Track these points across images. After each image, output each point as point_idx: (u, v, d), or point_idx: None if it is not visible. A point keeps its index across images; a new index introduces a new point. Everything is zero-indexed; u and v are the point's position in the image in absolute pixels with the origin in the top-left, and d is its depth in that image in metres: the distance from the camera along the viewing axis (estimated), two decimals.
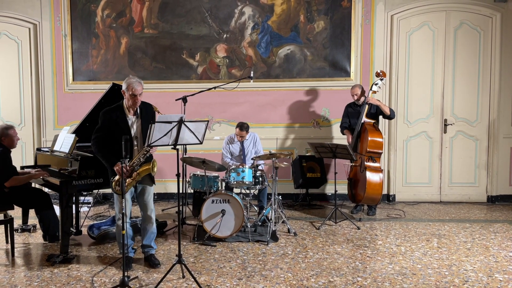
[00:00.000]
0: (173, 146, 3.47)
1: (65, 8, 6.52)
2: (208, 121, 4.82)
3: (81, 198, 5.92)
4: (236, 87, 5.85)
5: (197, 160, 4.77)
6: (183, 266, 3.58)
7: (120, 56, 6.60)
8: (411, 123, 6.51)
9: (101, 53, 6.60)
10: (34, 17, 6.58)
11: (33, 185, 5.07)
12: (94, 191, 6.15)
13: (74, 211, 4.55)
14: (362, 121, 5.49)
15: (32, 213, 4.76)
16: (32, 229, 4.94)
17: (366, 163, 5.38)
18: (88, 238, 4.62)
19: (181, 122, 3.40)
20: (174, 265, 3.56)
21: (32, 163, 5.37)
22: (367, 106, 5.48)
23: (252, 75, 5.63)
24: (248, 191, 4.95)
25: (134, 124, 3.73)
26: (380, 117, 5.74)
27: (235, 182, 4.72)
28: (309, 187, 6.35)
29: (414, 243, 4.50)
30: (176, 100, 5.42)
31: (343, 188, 6.10)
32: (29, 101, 6.71)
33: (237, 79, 6.20)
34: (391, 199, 6.55)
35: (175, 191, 6.57)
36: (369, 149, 5.37)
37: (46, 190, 4.88)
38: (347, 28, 6.41)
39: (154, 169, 3.61)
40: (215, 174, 5.19)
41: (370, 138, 5.36)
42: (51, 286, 3.46)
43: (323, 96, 6.50)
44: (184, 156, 5.08)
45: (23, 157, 6.74)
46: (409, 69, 6.45)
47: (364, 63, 6.42)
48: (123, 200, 3.37)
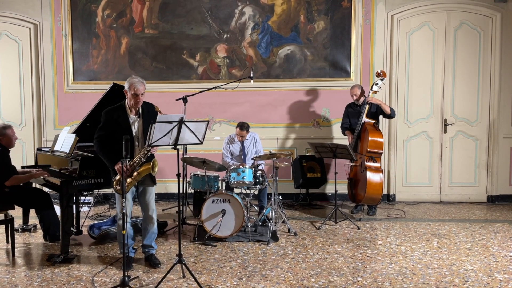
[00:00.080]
0: (173, 146, 3.47)
1: (65, 8, 6.53)
2: (209, 121, 4.82)
3: (82, 198, 5.92)
4: (236, 87, 5.86)
5: (197, 160, 4.78)
6: (183, 266, 3.59)
7: (121, 56, 6.60)
8: (411, 123, 6.51)
9: (101, 53, 6.61)
10: (35, 17, 6.59)
11: (33, 185, 5.07)
12: (95, 191, 6.16)
13: (74, 211, 4.56)
14: (363, 121, 5.49)
15: (32, 213, 4.77)
16: (33, 229, 4.94)
17: (366, 163, 5.39)
18: (88, 238, 4.63)
19: (181, 122, 3.40)
20: (174, 265, 3.56)
21: (33, 163, 5.37)
22: (367, 105, 5.49)
23: (252, 75, 5.64)
24: (248, 191, 4.96)
25: (135, 123, 3.74)
26: (380, 117, 5.75)
27: (235, 182, 4.73)
28: (309, 187, 6.35)
29: (414, 243, 4.51)
30: (177, 100, 5.43)
31: (343, 188, 6.10)
32: (30, 101, 6.72)
33: (237, 79, 6.20)
34: (391, 199, 6.55)
35: (176, 191, 6.57)
36: (369, 149, 5.38)
37: (47, 190, 4.89)
38: (347, 28, 6.41)
39: (154, 169, 3.61)
40: (215, 174, 5.20)
41: (371, 138, 5.36)
42: (51, 286, 3.46)
43: (323, 96, 6.51)
44: (185, 156, 5.09)
45: (23, 157, 6.74)
46: (409, 69, 6.45)
47: (364, 63, 6.42)
48: (124, 200, 3.38)
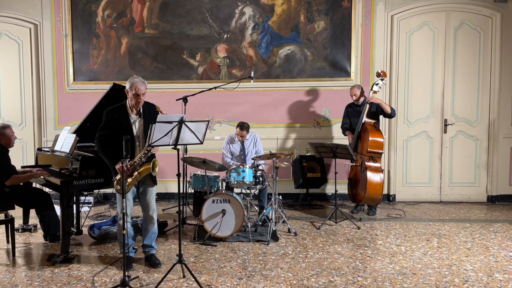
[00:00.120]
0: (173, 146, 3.48)
1: (65, 8, 6.53)
2: (209, 121, 4.82)
3: (82, 198, 5.92)
4: (236, 87, 5.86)
5: (197, 160, 4.78)
6: (183, 266, 3.59)
7: (121, 56, 6.61)
8: (411, 123, 6.51)
9: (101, 53, 6.61)
10: (35, 17, 6.59)
11: (34, 185, 5.07)
12: (95, 191, 6.16)
13: (74, 211, 4.56)
14: (363, 121, 5.50)
15: (33, 213, 4.77)
16: (33, 229, 4.95)
17: (366, 163, 5.39)
18: (88, 238, 4.63)
19: (181, 122, 3.40)
20: (174, 265, 3.56)
21: (33, 163, 5.37)
22: (367, 105, 5.49)
23: (252, 75, 5.64)
24: (248, 191, 4.96)
25: (136, 123, 3.74)
26: (381, 116, 5.75)
27: (235, 182, 4.73)
28: (309, 187, 6.36)
29: (414, 243, 4.51)
30: (177, 100, 5.43)
31: (343, 188, 6.11)
32: (30, 101, 6.72)
33: (237, 79, 6.21)
34: (391, 199, 6.55)
35: (176, 191, 6.57)
36: (370, 149, 5.38)
37: (47, 190, 4.89)
38: (348, 28, 6.41)
39: (155, 168, 3.61)
40: (215, 174, 5.20)
41: (371, 138, 5.36)
42: (52, 285, 3.47)
43: (323, 96, 6.51)
44: (185, 156, 5.09)
45: (23, 157, 6.75)
46: (409, 69, 6.46)
47: (364, 63, 6.43)
48: (124, 199, 3.38)
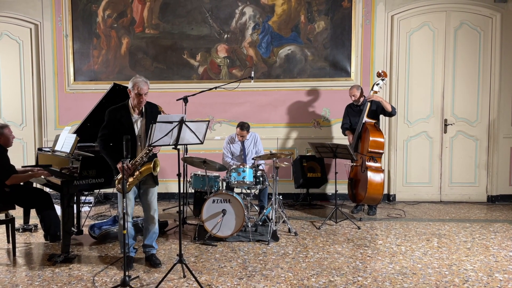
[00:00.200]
0: (174, 146, 3.48)
1: (66, 8, 6.53)
2: (209, 121, 4.82)
3: (82, 198, 5.93)
4: (237, 87, 5.86)
5: (198, 160, 4.78)
6: (184, 266, 3.59)
7: (121, 56, 6.61)
8: (411, 123, 6.52)
9: (102, 53, 6.62)
10: (36, 17, 6.60)
11: (34, 185, 5.08)
12: (95, 191, 6.17)
13: (75, 211, 4.57)
14: (363, 121, 5.50)
15: (33, 213, 4.78)
16: (34, 228, 4.95)
17: (367, 163, 5.39)
18: (89, 238, 4.63)
19: (182, 122, 3.40)
20: (175, 264, 3.57)
21: (34, 163, 5.38)
22: (368, 104, 5.49)
23: (252, 75, 5.64)
24: (248, 191, 4.96)
25: (138, 123, 3.75)
26: (381, 116, 5.75)
27: (235, 182, 4.73)
28: (309, 187, 6.36)
29: (415, 242, 4.51)
30: (177, 100, 5.44)
31: (343, 188, 6.11)
32: (31, 101, 6.73)
33: (238, 79, 6.21)
34: (391, 199, 6.56)
35: (176, 191, 6.58)
36: (370, 149, 5.38)
37: (47, 190, 4.90)
38: (348, 29, 6.42)
39: (156, 168, 3.61)
40: (216, 174, 5.20)
41: (372, 138, 5.37)
42: (52, 285, 3.47)
43: (323, 96, 6.51)
44: (185, 156, 5.10)
45: (24, 157, 6.75)
46: (409, 69, 6.46)
47: (364, 63, 6.43)
48: (125, 199, 3.38)
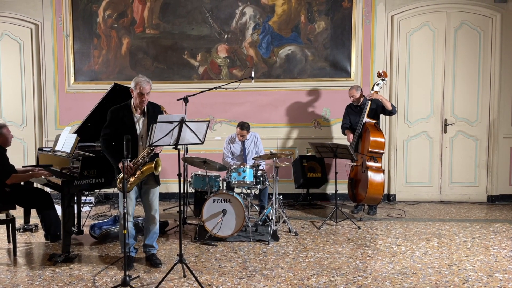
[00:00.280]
0: (174, 146, 3.49)
1: (66, 8, 6.54)
2: (209, 121, 4.82)
3: (83, 197, 5.94)
4: (237, 87, 5.87)
5: (198, 160, 4.79)
6: (184, 266, 3.60)
7: (122, 57, 6.62)
8: (411, 123, 6.52)
9: (102, 53, 6.62)
10: (36, 17, 6.60)
11: (35, 185, 5.09)
12: (96, 190, 6.17)
13: (75, 211, 4.58)
14: (364, 121, 5.50)
15: (34, 212, 4.78)
16: (34, 228, 4.96)
17: (367, 163, 5.40)
18: (89, 238, 4.64)
19: (182, 122, 3.41)
20: (175, 264, 3.57)
21: (34, 163, 5.38)
22: (369, 103, 5.48)
23: (253, 75, 5.64)
24: (249, 191, 4.96)
25: (140, 123, 3.76)
26: (381, 116, 5.75)
27: (236, 182, 4.74)
28: (310, 186, 6.36)
29: (415, 242, 4.52)
30: (178, 100, 5.44)
31: (343, 188, 6.11)
32: (31, 101, 6.73)
33: (238, 79, 6.22)
34: (391, 198, 6.56)
35: (177, 190, 6.58)
36: (371, 149, 5.39)
37: (48, 190, 4.90)
38: (348, 29, 6.42)
39: (158, 168, 3.62)
40: (216, 174, 5.21)
41: (372, 138, 5.37)
42: (52, 285, 3.47)
43: (323, 96, 6.52)
44: (186, 156, 5.10)
45: (25, 157, 6.76)
46: (409, 69, 6.46)
47: (364, 64, 6.44)
48: (125, 199, 3.39)
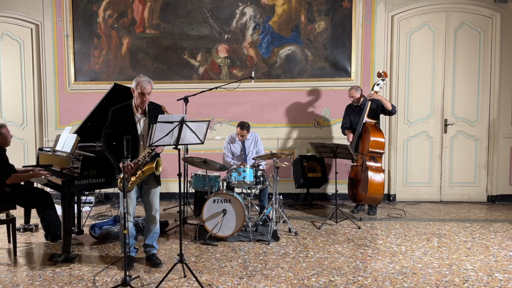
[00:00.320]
0: (174, 146, 3.49)
1: (67, 8, 6.54)
2: (210, 121, 4.83)
3: (83, 197, 5.94)
4: (237, 87, 5.87)
5: (198, 160, 4.79)
6: (184, 266, 3.60)
7: (122, 57, 6.62)
8: (411, 123, 6.52)
9: (102, 53, 6.62)
10: (36, 17, 6.61)
11: (35, 185, 5.09)
12: (96, 190, 6.17)
13: (76, 211, 4.58)
14: (364, 121, 5.50)
15: (34, 212, 4.78)
16: (34, 228, 4.96)
17: (367, 163, 5.40)
18: (90, 238, 4.64)
19: (182, 122, 3.41)
20: (175, 264, 3.58)
21: (34, 163, 5.38)
22: (369, 103, 5.49)
23: (253, 75, 5.64)
24: (249, 191, 4.96)
25: (141, 122, 3.76)
26: (381, 116, 5.75)
27: (236, 182, 4.74)
28: (310, 186, 6.36)
29: (415, 242, 4.52)
30: (178, 100, 5.44)
31: (343, 188, 6.12)
32: (31, 101, 6.74)
33: (238, 79, 6.22)
34: (391, 198, 6.56)
35: (177, 190, 6.58)
36: (371, 149, 5.39)
37: (48, 189, 4.90)
38: (348, 29, 6.42)
39: (158, 168, 3.62)
40: (216, 173, 5.21)
41: (372, 138, 5.37)
42: (53, 285, 3.48)
43: (324, 96, 6.52)
44: (186, 156, 5.10)
45: (25, 157, 6.76)
46: (409, 69, 6.47)
47: (364, 64, 6.44)
48: (125, 199, 3.39)
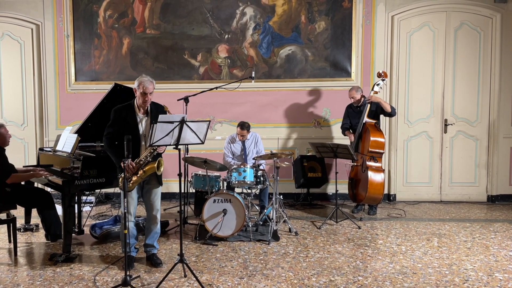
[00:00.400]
0: (175, 146, 3.50)
1: (67, 8, 6.55)
2: (210, 121, 4.80)
3: (84, 197, 5.94)
4: (237, 87, 5.87)
5: (198, 160, 4.79)
6: (184, 266, 3.61)
7: (122, 57, 6.63)
8: (411, 123, 6.53)
9: (103, 53, 6.63)
10: (37, 17, 6.61)
11: (35, 184, 5.09)
12: (97, 190, 6.18)
13: (76, 211, 4.58)
14: (364, 121, 5.51)
15: (34, 212, 4.79)
16: (35, 228, 4.97)
17: (367, 163, 5.40)
18: (90, 238, 4.65)
19: (183, 122, 3.42)
20: (176, 264, 3.58)
21: (35, 163, 5.39)
22: (368, 105, 5.50)
23: (253, 75, 5.64)
24: (249, 191, 4.97)
25: (143, 122, 3.77)
26: (381, 116, 5.76)
27: (236, 182, 4.74)
28: (310, 186, 6.37)
29: (415, 242, 4.53)
30: (178, 100, 5.44)
31: (344, 188, 6.12)
32: (32, 101, 6.74)
33: (238, 79, 6.22)
34: (391, 198, 6.57)
35: (177, 190, 6.58)
36: (371, 149, 5.39)
37: (49, 189, 4.91)
38: (348, 29, 6.43)
39: (160, 168, 3.63)
40: (216, 173, 5.22)
41: (372, 138, 5.38)
42: (53, 285, 3.48)
43: (324, 96, 6.52)
44: (186, 156, 5.11)
45: (25, 157, 6.77)
46: (409, 69, 6.47)
47: (365, 64, 6.44)
48: (126, 199, 3.39)
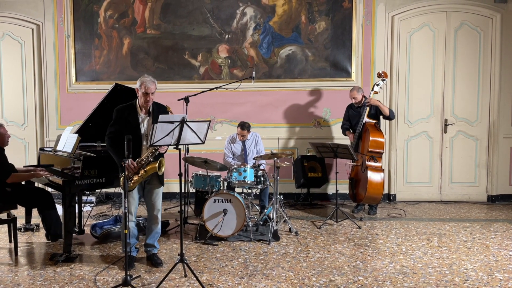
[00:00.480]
0: (175, 146, 3.50)
1: (68, 9, 6.56)
2: (210, 121, 4.82)
3: (84, 197, 5.95)
4: (238, 88, 5.88)
5: (199, 160, 4.80)
6: (185, 265, 3.61)
7: (123, 57, 6.63)
8: (411, 123, 6.53)
9: (103, 53, 6.64)
10: (37, 17, 6.62)
11: (36, 184, 5.10)
12: (97, 190, 6.18)
13: (77, 211, 4.59)
14: (364, 121, 5.51)
15: (35, 212, 4.80)
16: (35, 228, 4.97)
17: (367, 163, 5.41)
18: (90, 237, 4.65)
19: (183, 122, 3.42)
20: (176, 264, 3.59)
21: (35, 163, 5.40)
22: (367, 109, 5.51)
23: (253, 75, 5.66)
24: (249, 191, 4.97)
25: (145, 122, 3.77)
26: (381, 116, 5.76)
27: (237, 182, 4.75)
28: (310, 186, 6.37)
29: (415, 242, 4.53)
30: (178, 100, 5.45)
31: (344, 188, 6.13)
32: (32, 101, 6.75)
33: (239, 79, 6.23)
34: (391, 198, 6.57)
35: (178, 190, 6.55)
36: (370, 149, 5.40)
37: (49, 189, 4.91)
38: (348, 29, 6.43)
39: (161, 168, 3.63)
40: (217, 173, 5.22)
41: (372, 138, 5.38)
42: (54, 285, 3.49)
43: (324, 96, 6.53)
44: (186, 156, 5.11)
45: (26, 157, 6.78)
46: (409, 69, 6.47)
47: (365, 64, 6.45)
48: (126, 199, 3.39)
